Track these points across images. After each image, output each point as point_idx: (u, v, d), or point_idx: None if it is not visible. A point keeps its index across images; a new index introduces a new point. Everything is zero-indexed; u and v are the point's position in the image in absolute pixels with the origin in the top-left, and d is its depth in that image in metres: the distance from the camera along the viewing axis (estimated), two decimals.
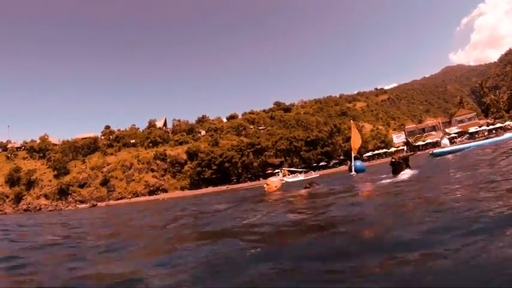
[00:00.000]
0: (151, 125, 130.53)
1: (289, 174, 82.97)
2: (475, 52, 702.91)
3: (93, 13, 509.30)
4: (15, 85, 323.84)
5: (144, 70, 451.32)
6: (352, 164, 15.98)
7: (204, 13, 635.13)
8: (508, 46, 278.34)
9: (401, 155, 9.05)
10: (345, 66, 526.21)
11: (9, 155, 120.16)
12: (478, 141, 30.71)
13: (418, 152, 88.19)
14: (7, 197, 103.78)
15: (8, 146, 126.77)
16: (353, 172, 14.61)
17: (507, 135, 22.51)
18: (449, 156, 16.67)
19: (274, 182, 9.93)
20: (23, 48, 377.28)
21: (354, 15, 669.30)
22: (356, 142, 19.31)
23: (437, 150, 21.11)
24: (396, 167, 8.42)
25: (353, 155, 17.66)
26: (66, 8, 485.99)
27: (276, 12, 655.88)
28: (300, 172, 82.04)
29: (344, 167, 59.12)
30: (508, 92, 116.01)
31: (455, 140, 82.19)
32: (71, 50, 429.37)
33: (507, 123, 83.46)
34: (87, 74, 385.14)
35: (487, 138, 31.51)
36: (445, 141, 23.95)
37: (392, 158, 8.77)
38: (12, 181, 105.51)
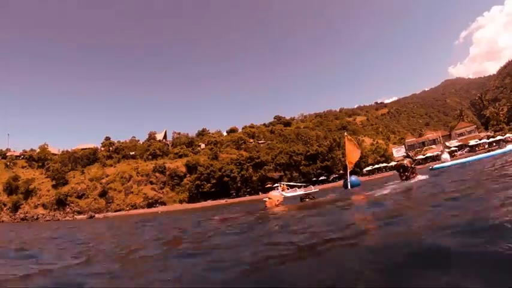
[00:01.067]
0: (151, 137, 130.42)
1: (288, 189, 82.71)
2: (474, 65, 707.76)
3: (95, 27, 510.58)
4: (16, 95, 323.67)
5: (146, 83, 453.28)
6: (348, 179, 15.49)
7: (206, 29, 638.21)
8: (507, 58, 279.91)
9: (404, 164, 8.77)
10: (345, 81, 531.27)
11: (8, 163, 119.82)
12: (478, 154, 30.47)
13: (418, 166, 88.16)
14: (4, 205, 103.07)
15: (7, 154, 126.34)
16: (349, 188, 14.52)
17: (509, 146, 22.10)
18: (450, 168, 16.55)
19: (276, 196, 9.48)
20: (26, 60, 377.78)
21: (354, 31, 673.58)
22: (351, 156, 17.86)
23: (437, 165, 20.62)
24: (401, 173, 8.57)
25: (348, 170, 16.70)
26: (66, 23, 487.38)
27: (276, 27, 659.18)
28: (299, 187, 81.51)
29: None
30: (508, 104, 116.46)
31: (455, 153, 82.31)
32: (73, 62, 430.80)
33: (507, 135, 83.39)
34: (90, 86, 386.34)
35: (488, 151, 31.20)
36: (445, 155, 23.57)
37: (395, 166, 8.97)
38: (10, 189, 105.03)
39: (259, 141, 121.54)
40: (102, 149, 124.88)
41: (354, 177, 15.72)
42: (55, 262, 4.60)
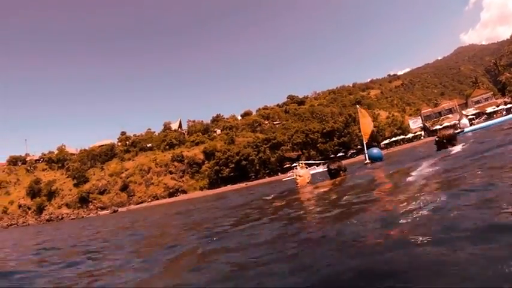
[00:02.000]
0: (167, 127, 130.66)
1: (306, 167, 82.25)
2: (486, 31, 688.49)
3: (106, 19, 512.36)
4: (29, 98, 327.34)
5: (157, 73, 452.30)
6: (365, 151, 13.98)
7: (216, 14, 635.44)
8: None
9: (446, 133, 8.39)
10: (357, 55, 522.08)
11: (29, 168, 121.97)
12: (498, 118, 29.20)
13: (433, 137, 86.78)
14: (29, 208, 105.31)
15: (27, 159, 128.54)
16: (367, 160, 12.63)
17: None
18: (469, 134, 15.62)
19: (305, 174, 8.65)
20: (36, 60, 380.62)
21: (362, 4, 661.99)
22: (366, 127, 17.38)
23: (457, 131, 19.70)
24: (440, 147, 8.14)
25: (365, 142, 15.85)
26: (78, 17, 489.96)
27: (285, 4, 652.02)
28: (318, 164, 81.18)
29: (362, 157, 57.14)
30: None
31: (473, 121, 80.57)
32: (82, 59, 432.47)
33: None
34: (100, 82, 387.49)
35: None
36: (464, 121, 22.86)
37: (437, 136, 8.39)
38: (33, 193, 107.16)
39: (274, 122, 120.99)
40: (119, 144, 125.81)
41: (375, 150, 13.76)
42: None
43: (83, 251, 6.71)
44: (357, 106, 15.96)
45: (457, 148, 7.75)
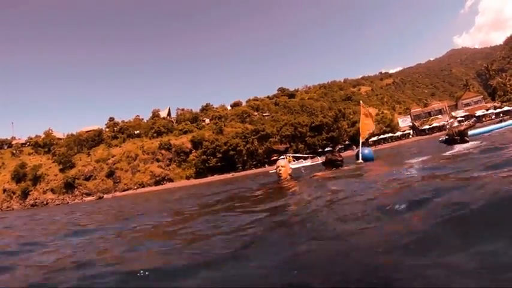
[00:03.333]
0: (155, 115, 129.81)
1: (294, 161, 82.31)
2: (480, 35, 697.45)
3: (97, 5, 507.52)
4: (17, 81, 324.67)
5: (147, 60, 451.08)
6: (360, 150, 13.13)
7: (210, 2, 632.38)
8: None
9: (457, 129, 8.03)
10: (349, 51, 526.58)
11: (15, 152, 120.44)
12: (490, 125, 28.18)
13: (424, 137, 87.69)
14: (14, 193, 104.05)
15: (12, 143, 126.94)
16: (360, 160, 12.11)
17: None
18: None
19: (286, 164, 7.67)
20: (26, 43, 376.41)
21: (359, 1, 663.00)
22: (365, 127, 16.44)
23: (467, 127, 19.09)
24: (451, 143, 7.76)
25: (361, 141, 14.85)
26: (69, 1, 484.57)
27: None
28: (306, 158, 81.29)
29: (350, 152, 56.93)
30: None
31: (461, 123, 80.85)
32: (72, 44, 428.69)
33: None
34: (90, 67, 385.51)
35: (501, 121, 29.20)
36: (455, 124, 21.75)
37: (447, 133, 8.06)
38: (18, 177, 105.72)
39: (264, 114, 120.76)
40: (107, 129, 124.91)
41: (366, 150, 12.39)
42: None
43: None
44: (361, 103, 14.62)
45: (468, 145, 7.29)
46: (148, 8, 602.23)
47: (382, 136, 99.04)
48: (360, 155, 10.92)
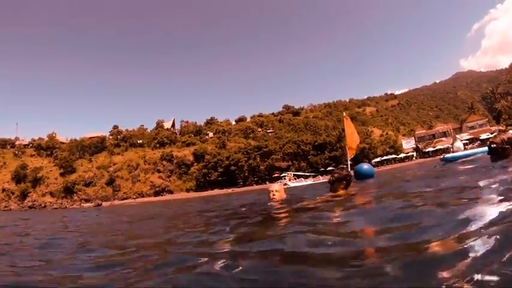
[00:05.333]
0: (159, 125, 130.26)
1: (295, 179, 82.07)
2: (486, 58, 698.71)
3: (102, 14, 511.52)
4: (25, 83, 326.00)
5: (155, 72, 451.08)
6: (348, 168, 10.65)
7: (215, 16, 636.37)
8: None
9: (505, 136, 6.13)
10: (355, 71, 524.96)
11: (17, 152, 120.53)
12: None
13: (428, 159, 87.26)
14: (13, 193, 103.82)
15: (16, 143, 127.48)
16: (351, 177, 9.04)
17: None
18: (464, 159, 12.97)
19: (281, 189, 7.49)
20: (33, 48, 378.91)
21: (365, 21, 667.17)
22: (351, 140, 14.27)
23: (449, 154, 18.30)
24: (499, 156, 6.05)
25: (349, 157, 13.02)
26: (77, 9, 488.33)
27: (287, 17, 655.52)
28: (307, 177, 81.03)
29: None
30: None
31: (466, 146, 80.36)
32: (82, 51, 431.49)
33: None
34: (99, 75, 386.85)
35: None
36: (459, 144, 20.76)
37: (492, 143, 6.24)
38: (18, 178, 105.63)
39: (268, 131, 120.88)
40: (110, 137, 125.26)
41: (366, 165, 11.60)
42: None
43: None
44: (344, 113, 12.34)
45: None
46: (161, 21, 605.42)
47: (385, 157, 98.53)
48: (351, 172, 9.18)
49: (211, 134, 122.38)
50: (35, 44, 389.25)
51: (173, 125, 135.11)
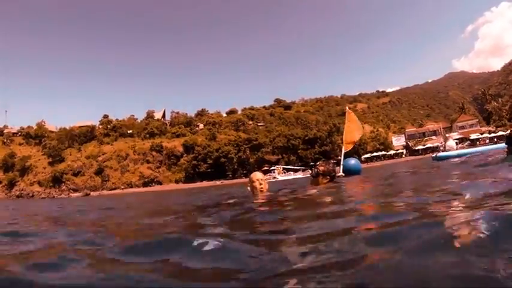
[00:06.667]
0: (150, 116, 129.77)
1: (284, 172, 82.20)
2: (478, 60, 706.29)
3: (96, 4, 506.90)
4: (14, 70, 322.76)
5: (147, 61, 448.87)
6: (342, 161, 9.63)
7: (208, 7, 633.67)
8: None
9: None
10: (348, 68, 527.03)
11: (5, 140, 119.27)
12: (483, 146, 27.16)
13: (418, 157, 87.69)
14: (0, 182, 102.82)
15: (4, 131, 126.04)
16: (341, 173, 8.49)
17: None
18: (457, 159, 13.05)
19: (263, 177, 6.24)
20: (25, 35, 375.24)
21: (359, 17, 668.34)
22: (351, 134, 11.25)
23: (441, 153, 18.04)
24: None
25: (344, 151, 11.01)
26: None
27: (279, 9, 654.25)
28: (296, 170, 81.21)
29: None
30: (511, 100, 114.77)
31: (457, 146, 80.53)
32: (74, 39, 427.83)
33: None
34: (90, 63, 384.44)
35: (495, 143, 27.97)
36: (451, 143, 20.16)
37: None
38: (6, 167, 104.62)
39: (258, 124, 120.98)
40: (100, 126, 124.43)
41: (353, 160, 10.53)
42: None
43: None
44: (347, 107, 10.82)
45: None
46: (154, 11, 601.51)
47: (375, 154, 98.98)
48: (341, 167, 8.64)
49: (201, 126, 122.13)
50: (24, 29, 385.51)
51: (164, 116, 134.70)
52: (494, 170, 5.46)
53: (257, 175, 6.09)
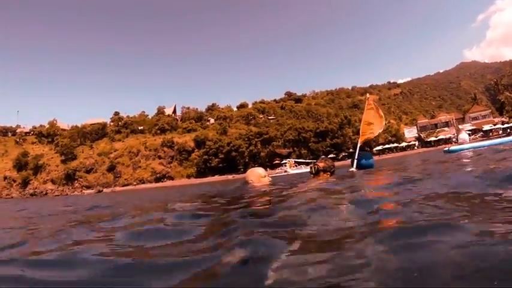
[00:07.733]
0: (160, 112, 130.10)
1: (295, 166, 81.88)
2: (490, 49, 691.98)
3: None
4: (26, 70, 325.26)
5: (157, 57, 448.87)
6: (356, 156, 8.74)
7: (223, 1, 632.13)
8: None
9: None
10: (359, 59, 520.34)
11: (18, 140, 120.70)
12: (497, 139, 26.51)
13: (430, 148, 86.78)
14: (14, 181, 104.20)
15: (17, 131, 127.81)
16: (353, 168, 7.70)
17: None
18: (468, 153, 12.47)
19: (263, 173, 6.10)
20: (35, 33, 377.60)
21: (370, 8, 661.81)
22: (368, 127, 10.43)
23: (454, 146, 17.94)
24: None
25: (360, 144, 9.90)
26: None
27: (289, 1, 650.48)
28: (307, 163, 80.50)
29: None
30: None
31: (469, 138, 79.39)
32: (81, 37, 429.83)
33: None
34: (100, 60, 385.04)
35: (508, 135, 27.29)
36: (464, 135, 19.56)
37: None
38: (20, 166, 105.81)
39: (269, 117, 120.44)
40: (111, 123, 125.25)
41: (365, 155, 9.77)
42: None
43: None
44: (367, 95, 9.32)
45: None
46: (161, 3, 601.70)
47: (387, 146, 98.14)
48: (355, 161, 7.87)
49: (212, 120, 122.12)
50: (34, 29, 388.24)
51: (174, 111, 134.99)
52: None
53: (253, 171, 6.16)
